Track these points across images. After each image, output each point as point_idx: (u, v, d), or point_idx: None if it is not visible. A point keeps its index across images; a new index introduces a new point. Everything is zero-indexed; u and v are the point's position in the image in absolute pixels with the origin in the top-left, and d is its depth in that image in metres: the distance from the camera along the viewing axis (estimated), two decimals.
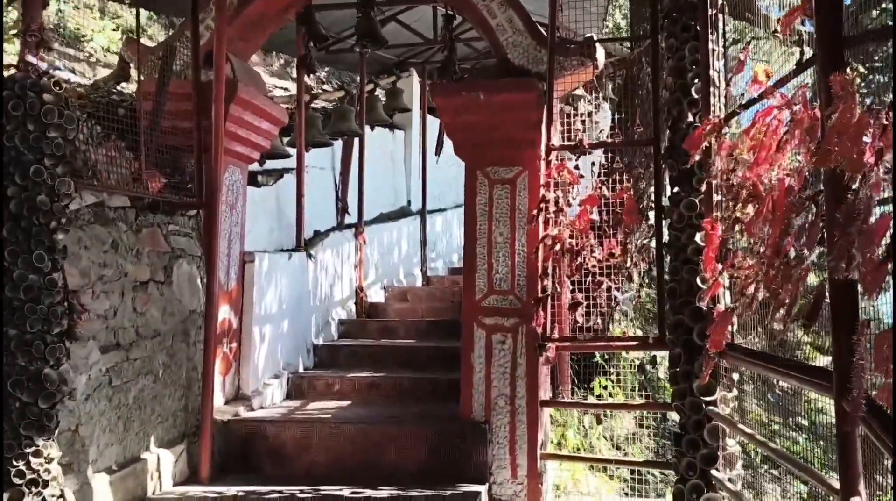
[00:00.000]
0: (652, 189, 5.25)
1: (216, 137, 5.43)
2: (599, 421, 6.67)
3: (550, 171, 5.31)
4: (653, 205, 5.22)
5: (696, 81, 4.98)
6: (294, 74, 16.20)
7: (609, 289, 5.26)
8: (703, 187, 4.79)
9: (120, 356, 4.67)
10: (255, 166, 7.35)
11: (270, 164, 7.89)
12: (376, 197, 11.08)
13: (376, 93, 10.64)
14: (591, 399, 7.38)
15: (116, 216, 4.90)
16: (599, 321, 5.24)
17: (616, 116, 5.75)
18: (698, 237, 4.86)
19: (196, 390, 5.42)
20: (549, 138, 5.39)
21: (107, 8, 12.38)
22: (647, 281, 5.20)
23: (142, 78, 5.28)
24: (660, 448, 7.92)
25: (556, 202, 5.31)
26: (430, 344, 7.95)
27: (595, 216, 5.21)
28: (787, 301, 3.43)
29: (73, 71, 8.85)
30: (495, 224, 5.53)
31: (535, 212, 5.32)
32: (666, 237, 5.19)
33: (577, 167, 5.27)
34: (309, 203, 8.65)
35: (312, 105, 10.94)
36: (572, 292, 5.27)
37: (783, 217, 3.49)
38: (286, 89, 13.74)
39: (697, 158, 4.52)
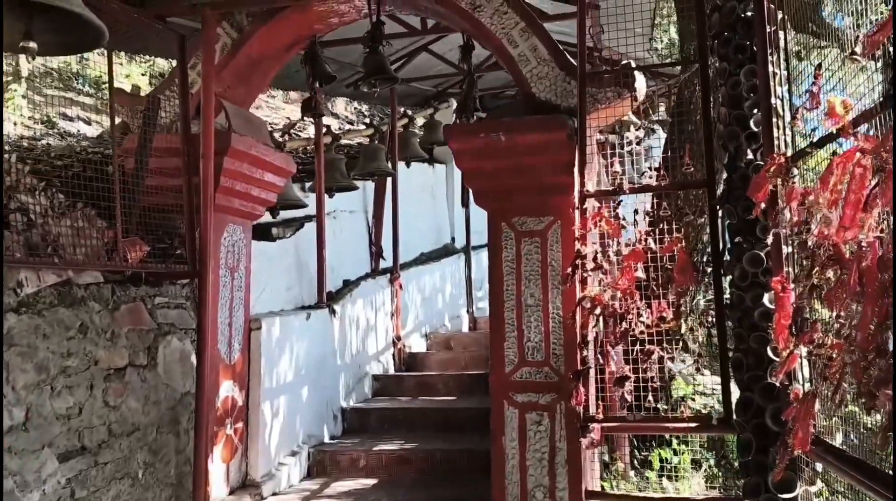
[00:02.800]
0: (707, 238, 4.43)
1: (205, 194, 4.79)
2: None
3: (586, 221, 4.53)
4: (709, 260, 4.39)
5: (755, 111, 4.18)
6: (333, 109, 15.71)
7: (661, 360, 4.43)
8: (770, 239, 3.98)
9: (86, 462, 4.02)
10: (266, 218, 6.72)
11: (288, 213, 7.25)
12: (417, 237, 10.42)
13: (411, 127, 9.96)
14: (650, 474, 6.50)
15: (87, 295, 4.28)
16: (651, 397, 4.40)
17: (662, 152, 4.92)
18: (766, 299, 4.04)
19: (190, 487, 4.75)
20: (582, 184, 4.61)
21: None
22: (706, 350, 4.37)
23: (123, 133, 4.68)
24: None
25: (595, 258, 4.51)
26: (470, 405, 7.18)
27: (641, 274, 4.40)
28: (887, 408, 2.62)
29: (87, 121, 8.37)
30: (525, 284, 4.76)
31: (569, 270, 4.53)
32: (727, 298, 4.36)
33: (616, 217, 4.48)
34: (338, 251, 8.04)
35: (339, 143, 10.35)
36: (618, 363, 4.46)
37: (876, 295, 2.68)
38: (346, 131, 13.20)
39: (763, 206, 3.73)
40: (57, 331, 3.99)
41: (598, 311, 4.47)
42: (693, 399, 5.18)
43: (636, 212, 4.46)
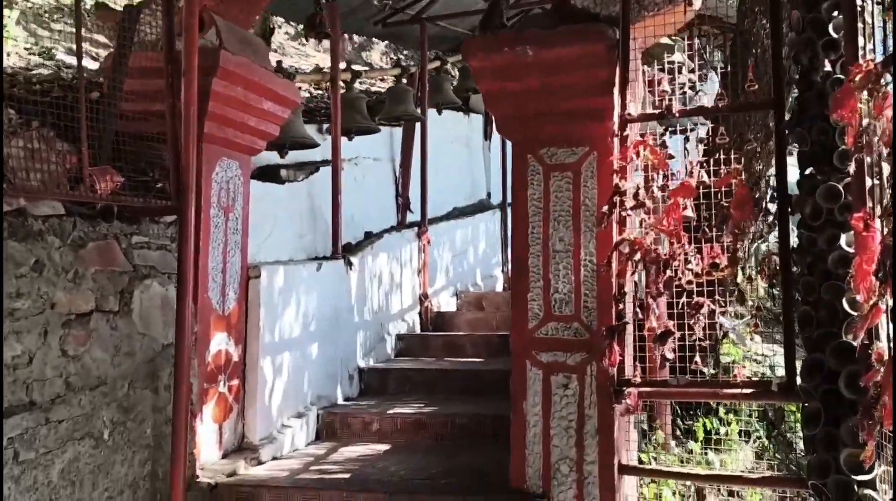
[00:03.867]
0: (773, 171, 3.70)
1: (187, 119, 4.17)
2: (702, 498, 5.10)
3: (626, 151, 3.83)
4: (774, 194, 3.67)
5: (836, 12, 3.45)
6: (369, 58, 15.03)
7: (712, 314, 3.73)
8: (852, 168, 3.27)
9: (34, 419, 3.46)
10: (273, 158, 6.13)
11: (303, 156, 6.64)
12: (449, 190, 9.75)
13: (444, 71, 9.24)
14: (693, 446, 5.81)
15: (46, 229, 3.71)
16: (699, 358, 3.72)
17: (722, 69, 4.18)
18: (844, 241, 3.34)
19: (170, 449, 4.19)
20: (623, 106, 3.91)
21: None
22: (767, 303, 3.66)
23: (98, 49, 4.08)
24: None
25: (637, 194, 3.83)
26: (496, 367, 6.53)
27: (691, 213, 3.71)
28: None
29: (95, 57, 7.82)
30: (553, 226, 4.08)
31: (605, 209, 3.85)
32: (795, 241, 3.65)
33: (663, 145, 3.78)
34: (360, 200, 7.45)
35: (368, 88, 9.70)
36: (660, 318, 3.78)
37: None
38: (370, 66, 12.53)
39: (842, 124, 3.05)
40: (7, 267, 3.43)
41: (637, 257, 3.80)
42: (743, 366, 4.45)
43: (686, 138, 3.76)
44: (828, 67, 3.47)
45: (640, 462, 4.38)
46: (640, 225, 3.85)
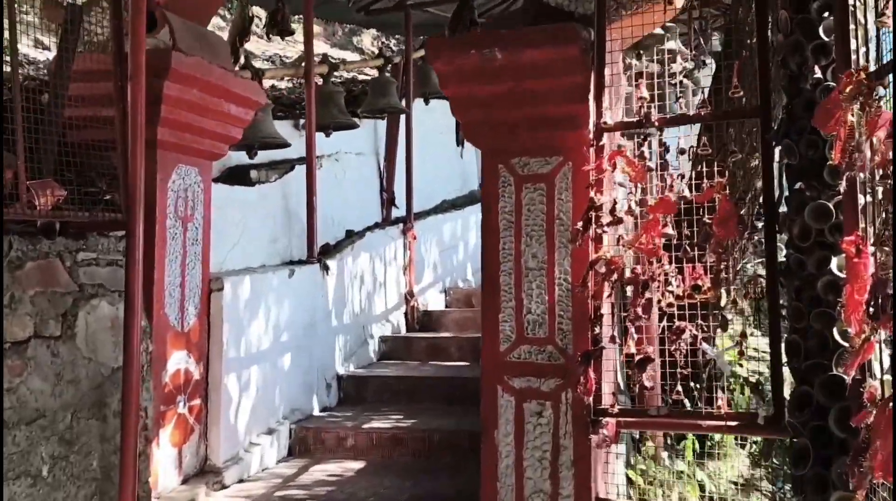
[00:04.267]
0: (759, 184, 3.41)
1: (133, 126, 3.88)
2: None
3: (601, 162, 3.54)
4: (761, 211, 3.38)
5: (826, 14, 3.15)
6: (360, 44, 14.69)
7: (695, 340, 3.45)
8: (843, 184, 2.97)
9: None
10: (244, 158, 5.85)
11: (277, 155, 6.36)
12: (439, 183, 9.50)
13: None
14: (682, 465, 5.54)
15: None
16: (679, 387, 3.44)
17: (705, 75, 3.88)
18: (835, 265, 3.05)
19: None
20: (599, 114, 3.61)
21: None
22: (754, 328, 3.37)
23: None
24: None
25: (613, 210, 3.54)
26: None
27: (671, 230, 3.42)
28: None
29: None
30: (525, 242, 3.79)
31: (580, 224, 3.56)
32: (782, 262, 3.37)
33: (641, 156, 3.48)
34: (341, 198, 7.20)
35: (350, 78, 9.38)
36: (640, 343, 3.50)
37: None
38: (343, 61, 12.16)
39: (830, 137, 2.78)
40: None
41: (614, 277, 3.51)
42: (730, 391, 4.18)
43: (666, 149, 3.46)
44: (818, 74, 3.17)
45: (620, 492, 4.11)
46: (618, 242, 3.56)
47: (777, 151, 3.39)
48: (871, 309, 2.48)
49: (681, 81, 4.33)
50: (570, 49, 3.54)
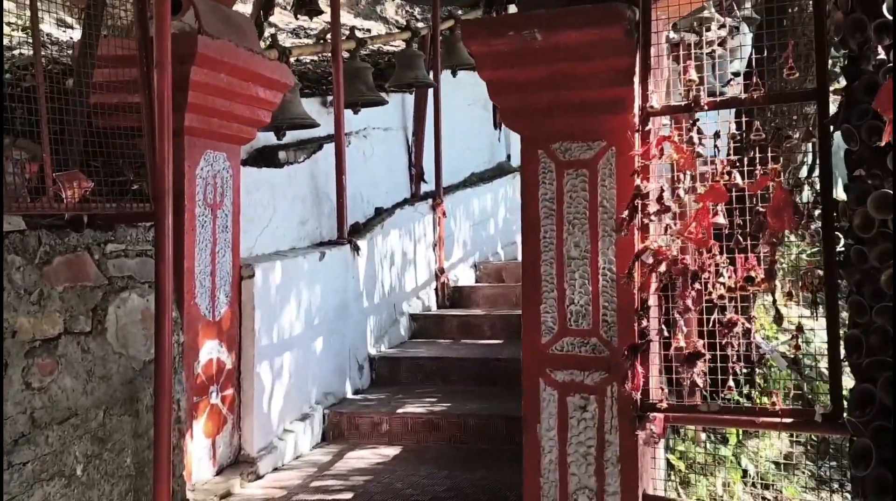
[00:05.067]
0: (817, 174, 3.24)
1: (160, 112, 3.78)
2: None
3: (648, 147, 3.38)
4: (819, 199, 3.22)
5: None
6: (383, 13, 14.45)
7: (747, 333, 3.31)
8: None
9: None
10: (272, 138, 5.72)
11: (304, 134, 6.22)
12: (467, 156, 9.34)
13: (458, 30, 8.70)
14: (725, 451, 5.42)
15: (6, 247, 3.35)
16: (732, 382, 3.31)
17: (755, 55, 3.67)
18: None
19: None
20: (645, 98, 3.44)
21: None
22: (812, 320, 3.22)
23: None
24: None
25: (660, 197, 3.38)
26: (515, 351, 6.11)
27: (722, 219, 3.26)
28: None
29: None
30: (567, 230, 3.64)
31: (626, 213, 3.41)
32: (841, 253, 3.21)
33: (690, 142, 3.31)
34: (369, 175, 7.07)
35: (377, 50, 9.19)
36: (689, 336, 3.36)
37: None
38: (368, 31, 11.94)
39: None
40: None
41: (662, 268, 3.36)
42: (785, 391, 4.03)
43: (717, 135, 3.29)
44: (881, 55, 2.98)
45: (667, 491, 4.00)
46: (666, 232, 3.41)
47: (835, 136, 3.21)
48: None
49: (714, 51, 4.15)
50: (614, 30, 3.36)
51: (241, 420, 4.69)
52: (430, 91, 7.91)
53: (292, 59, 7.84)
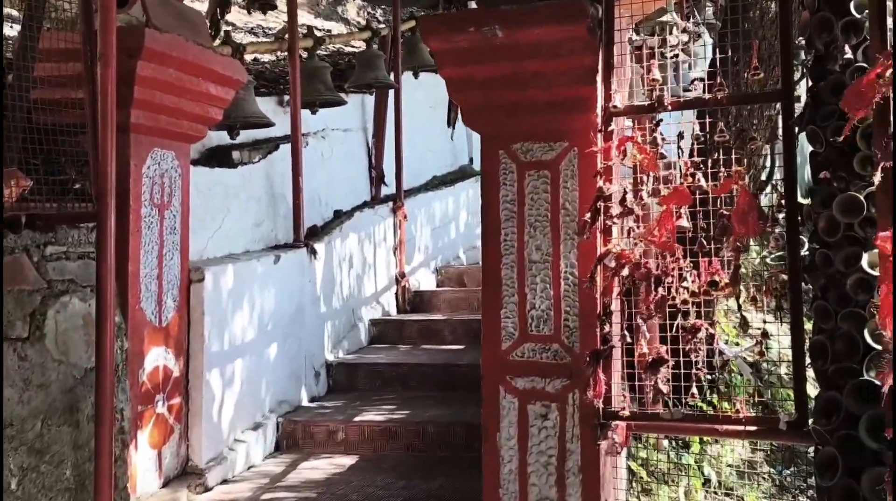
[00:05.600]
0: (780, 176, 3.16)
1: (103, 108, 3.59)
2: None
3: (610, 148, 3.28)
4: (783, 202, 3.14)
5: None
6: (345, 14, 14.29)
7: (711, 339, 3.22)
8: (876, 175, 2.72)
9: None
10: (223, 139, 5.55)
11: (260, 134, 6.06)
12: (429, 158, 9.24)
13: (419, 32, 8.58)
14: (688, 457, 5.34)
15: None
16: (695, 388, 3.22)
17: (719, 55, 3.60)
18: (865, 262, 2.83)
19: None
20: (608, 97, 3.34)
21: None
22: (776, 325, 3.14)
23: None
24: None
25: (623, 199, 3.28)
26: (476, 356, 6.00)
27: (686, 222, 3.17)
28: None
29: None
30: (529, 233, 3.53)
31: (588, 215, 3.30)
32: (805, 256, 3.14)
33: (654, 143, 3.22)
34: (328, 177, 6.92)
35: (337, 50, 9.06)
36: (652, 342, 3.27)
37: None
38: (329, 31, 11.77)
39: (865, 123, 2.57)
40: None
41: (625, 272, 3.27)
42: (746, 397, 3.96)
43: (680, 136, 3.20)
44: (848, 54, 2.91)
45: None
46: (628, 235, 3.31)
47: (800, 137, 3.14)
48: None
49: (677, 55, 4.07)
50: (577, 27, 3.26)
51: (188, 430, 4.51)
52: (392, 92, 7.78)
53: (249, 58, 7.68)
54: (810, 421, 3.09)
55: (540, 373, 3.52)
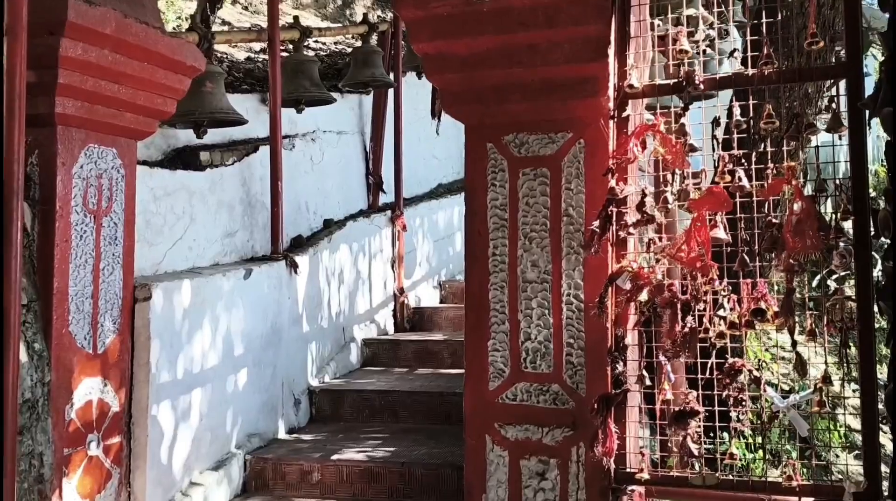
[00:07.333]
0: (845, 174, 2.47)
1: (9, 92, 2.96)
2: None
3: (627, 139, 2.60)
4: (850, 208, 2.44)
5: None
6: (353, 17, 13.71)
7: (757, 382, 2.53)
8: None
9: None
10: (192, 138, 4.93)
11: (236, 134, 5.44)
12: (433, 164, 8.60)
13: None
14: None
15: None
16: (733, 446, 2.53)
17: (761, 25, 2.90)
18: None
19: None
20: (623, 75, 2.66)
21: None
22: (842, 370, 2.44)
23: None
24: None
25: (641, 204, 2.60)
26: None
27: (723, 234, 2.48)
28: None
29: None
30: (523, 246, 2.86)
31: (596, 223, 2.62)
32: (878, 278, 2.43)
33: (681, 132, 2.54)
34: (318, 183, 6.31)
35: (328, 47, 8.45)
36: (678, 386, 2.58)
37: None
38: (310, 28, 11.14)
39: None
40: None
41: (644, 296, 2.58)
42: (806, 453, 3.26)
43: (716, 122, 2.52)
44: None
45: None
46: (648, 248, 2.63)
47: (871, 123, 2.45)
48: None
49: (704, 50, 3.39)
50: None
51: (130, 474, 3.85)
52: (391, 92, 7.15)
53: (241, 56, 7.07)
54: (884, 492, 2.38)
55: (536, 421, 2.84)
